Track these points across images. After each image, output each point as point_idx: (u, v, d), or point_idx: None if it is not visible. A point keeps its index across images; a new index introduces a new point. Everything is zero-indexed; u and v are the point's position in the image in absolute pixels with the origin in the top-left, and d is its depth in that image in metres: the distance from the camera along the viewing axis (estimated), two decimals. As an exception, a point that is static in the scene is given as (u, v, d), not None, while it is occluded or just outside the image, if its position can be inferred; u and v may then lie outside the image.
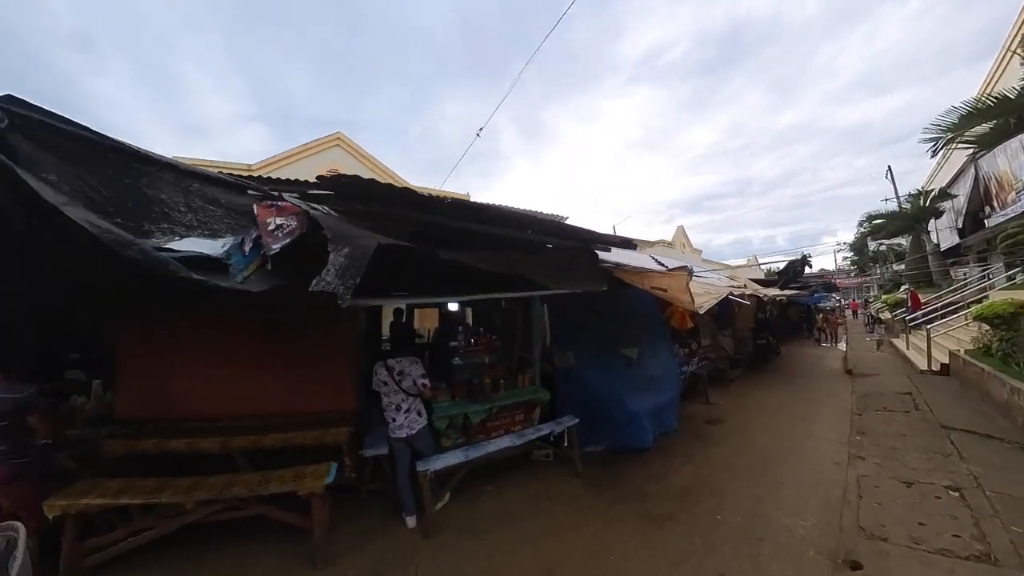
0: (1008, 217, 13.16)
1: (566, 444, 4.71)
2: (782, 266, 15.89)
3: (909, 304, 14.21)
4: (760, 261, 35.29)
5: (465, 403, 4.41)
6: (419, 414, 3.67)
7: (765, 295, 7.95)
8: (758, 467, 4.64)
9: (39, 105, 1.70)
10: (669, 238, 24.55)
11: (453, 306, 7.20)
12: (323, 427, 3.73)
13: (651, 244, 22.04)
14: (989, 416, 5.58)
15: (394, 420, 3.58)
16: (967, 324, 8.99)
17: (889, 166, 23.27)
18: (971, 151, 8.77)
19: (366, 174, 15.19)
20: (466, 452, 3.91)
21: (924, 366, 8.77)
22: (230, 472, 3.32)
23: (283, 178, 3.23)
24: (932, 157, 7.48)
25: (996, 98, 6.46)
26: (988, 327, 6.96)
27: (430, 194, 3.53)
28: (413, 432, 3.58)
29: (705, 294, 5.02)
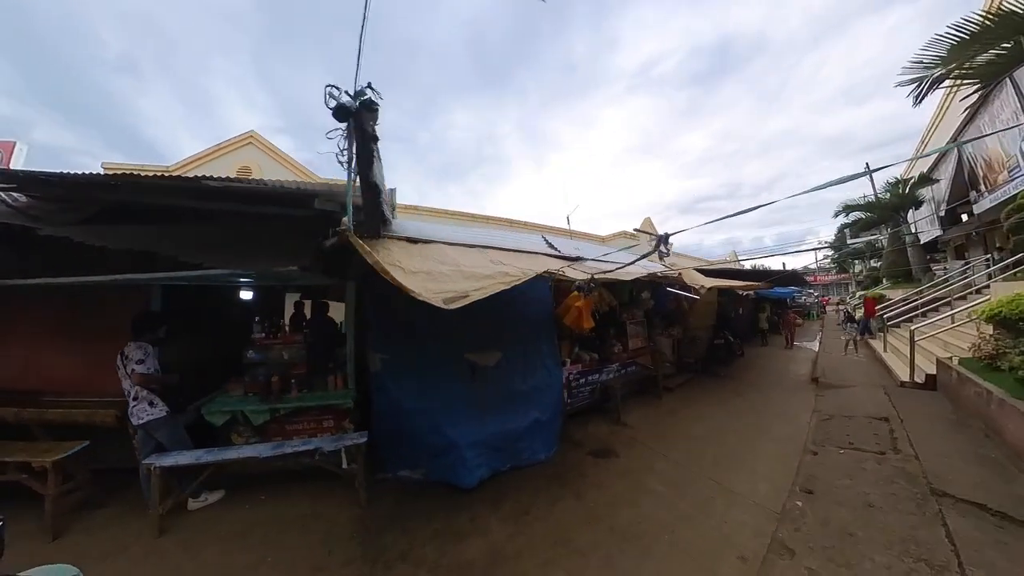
0: (999, 201, 11.17)
1: (344, 465, 3.56)
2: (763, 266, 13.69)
3: (863, 311, 12.06)
4: (743, 259, 33.38)
5: (247, 400, 3.95)
6: (151, 404, 3.36)
7: (701, 286, 5.90)
8: (613, 550, 2.73)
9: None
10: (632, 229, 22.24)
11: (247, 294, 5.65)
12: (95, 407, 3.62)
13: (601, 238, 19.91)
14: (1001, 470, 3.50)
15: (128, 407, 3.37)
16: (955, 325, 6.94)
17: (867, 163, 21.73)
18: (974, 89, 6.52)
19: (277, 169, 13.94)
20: (205, 455, 3.38)
21: (905, 376, 6.71)
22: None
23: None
24: (916, 105, 5.47)
25: (998, 15, 4.38)
26: (1000, 332, 4.85)
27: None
28: (142, 422, 3.32)
29: (480, 277, 2.92)
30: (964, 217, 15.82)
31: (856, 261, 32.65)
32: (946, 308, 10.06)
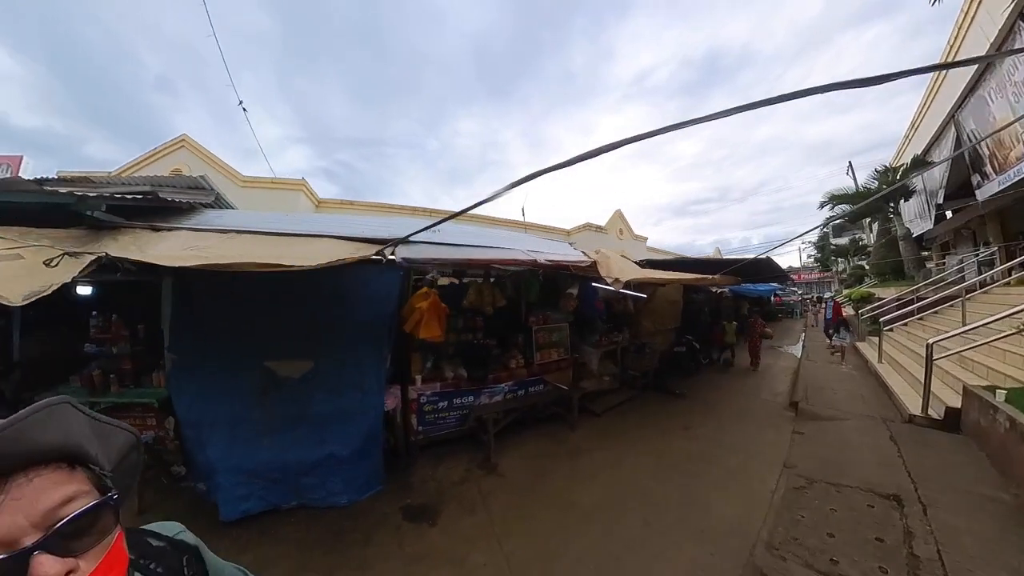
0: (1011, 182, 9.25)
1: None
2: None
3: (830, 315, 10.20)
4: (728, 256, 31.63)
5: (76, 393, 3.73)
6: None
7: (616, 279, 3.88)
8: None
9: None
10: (613, 225, 20.11)
11: (84, 289, 4.71)
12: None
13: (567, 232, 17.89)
14: None
15: None
16: (973, 339, 4.93)
17: (850, 162, 20.19)
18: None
19: (208, 171, 13.10)
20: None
21: (913, 406, 4.70)
22: None
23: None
24: (934, 2, 3.50)
25: None
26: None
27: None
28: None
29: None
30: (948, 214, 14.00)
31: (839, 259, 30.91)
32: (951, 311, 8.15)
